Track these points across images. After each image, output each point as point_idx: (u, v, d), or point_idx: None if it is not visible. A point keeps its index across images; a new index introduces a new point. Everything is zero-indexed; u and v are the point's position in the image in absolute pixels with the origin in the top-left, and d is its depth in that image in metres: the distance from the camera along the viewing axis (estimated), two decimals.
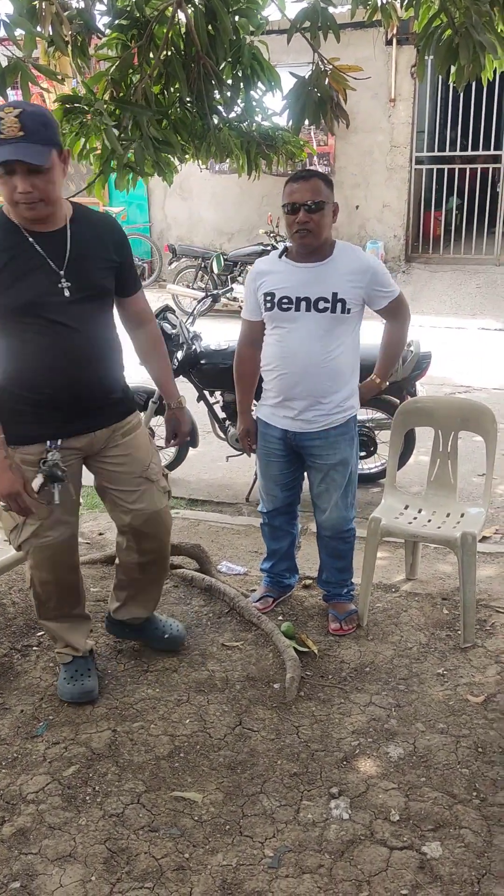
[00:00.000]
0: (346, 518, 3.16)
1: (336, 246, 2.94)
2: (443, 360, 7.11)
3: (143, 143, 3.61)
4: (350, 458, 3.08)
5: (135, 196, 10.87)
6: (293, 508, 3.32)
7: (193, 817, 2.27)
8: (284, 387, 2.96)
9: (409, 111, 9.61)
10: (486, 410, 3.37)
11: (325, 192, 2.84)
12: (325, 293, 2.85)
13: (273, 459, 3.14)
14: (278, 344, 2.95)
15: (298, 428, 3.00)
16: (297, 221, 2.81)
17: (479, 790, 2.39)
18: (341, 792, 2.37)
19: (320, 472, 3.07)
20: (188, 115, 4.08)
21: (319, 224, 2.82)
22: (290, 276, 2.90)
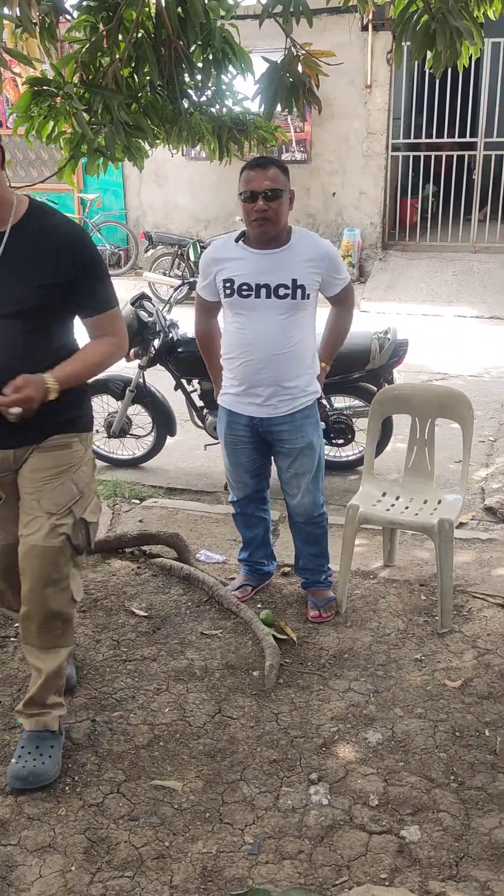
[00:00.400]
0: (316, 502, 3.18)
1: (293, 232, 2.95)
2: (419, 347, 7.12)
3: (114, 127, 3.57)
4: (316, 441, 3.10)
5: (110, 183, 10.76)
6: (263, 495, 3.33)
7: (173, 805, 2.27)
8: (248, 374, 2.97)
9: (385, 98, 9.58)
10: (463, 398, 3.38)
11: (283, 180, 2.84)
12: (285, 280, 2.87)
13: (240, 447, 3.14)
14: (240, 332, 2.96)
15: (265, 414, 3.01)
16: (255, 209, 2.81)
17: (456, 774, 2.42)
18: (320, 778, 2.38)
19: (288, 457, 3.08)
20: (159, 99, 4.04)
21: (277, 212, 2.82)
22: (249, 263, 2.90)
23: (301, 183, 10.13)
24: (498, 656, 2.99)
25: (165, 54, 3.81)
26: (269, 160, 2.92)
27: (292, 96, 3.82)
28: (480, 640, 3.10)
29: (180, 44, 3.78)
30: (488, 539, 3.96)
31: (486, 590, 3.47)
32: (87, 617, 3.14)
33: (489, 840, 2.17)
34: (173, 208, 10.70)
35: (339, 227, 10.10)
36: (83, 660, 2.88)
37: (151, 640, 3.00)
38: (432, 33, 3.24)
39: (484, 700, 2.75)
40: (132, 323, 4.57)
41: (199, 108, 4.30)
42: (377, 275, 9.81)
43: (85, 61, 3.74)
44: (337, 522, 3.93)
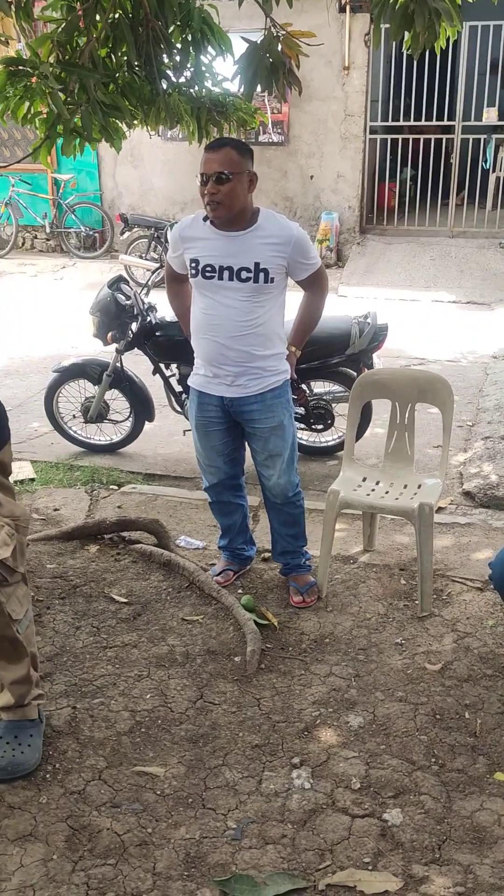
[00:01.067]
0: (292, 482, 3.18)
1: (260, 214, 2.92)
2: (397, 332, 7.09)
3: (91, 107, 3.51)
4: (286, 421, 3.09)
5: (84, 163, 10.60)
6: (238, 482, 3.31)
7: (156, 792, 2.27)
8: (214, 354, 2.97)
9: (362, 80, 9.52)
10: (444, 382, 3.39)
11: (238, 162, 2.79)
12: (248, 263, 2.85)
13: (212, 429, 3.12)
14: (204, 314, 2.96)
15: (235, 394, 3.00)
16: (207, 192, 2.79)
17: (437, 756, 2.43)
18: (303, 762, 2.39)
19: (260, 439, 3.08)
20: (136, 80, 3.98)
21: (229, 195, 2.78)
22: (213, 244, 2.89)
23: (278, 165, 10.07)
24: (477, 639, 3.02)
25: (143, 34, 3.75)
26: (225, 141, 2.89)
27: (272, 77, 3.78)
28: (460, 623, 3.12)
29: (158, 24, 3.72)
30: (467, 523, 3.99)
31: (464, 574, 3.49)
32: (66, 604, 3.12)
33: (471, 823, 2.19)
34: (149, 189, 10.59)
35: (316, 211, 10.05)
36: (63, 646, 2.86)
37: (132, 627, 2.99)
38: (410, 14, 3.21)
39: (463, 683, 2.77)
40: (109, 306, 4.52)
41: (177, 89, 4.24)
42: (355, 259, 9.79)
43: (61, 41, 3.66)
44: (316, 508, 3.93)
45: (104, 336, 4.62)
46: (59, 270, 10.34)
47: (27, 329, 7.82)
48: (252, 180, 2.87)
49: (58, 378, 4.88)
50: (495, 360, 6.68)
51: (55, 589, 3.20)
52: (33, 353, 6.98)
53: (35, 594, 3.15)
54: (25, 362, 6.81)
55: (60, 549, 3.53)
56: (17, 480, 4.55)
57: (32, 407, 5.70)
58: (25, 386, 6.23)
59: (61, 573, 3.32)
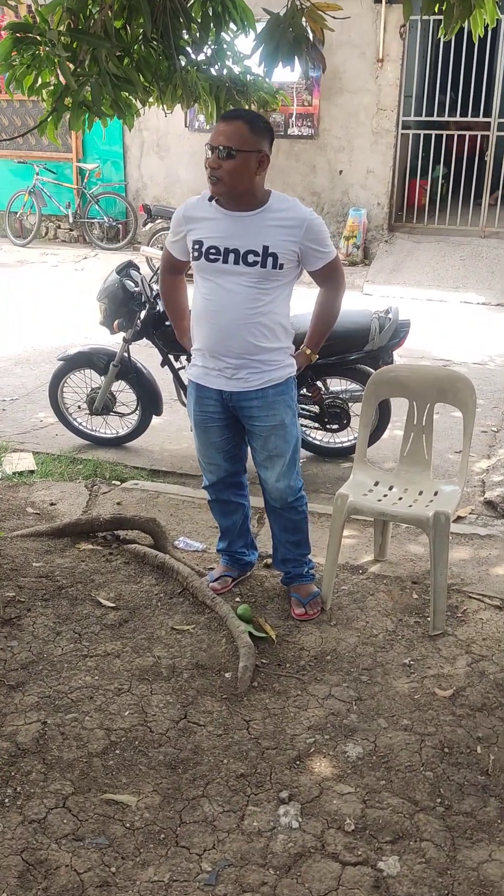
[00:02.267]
0: (294, 487, 2.95)
1: (272, 195, 2.68)
2: (423, 332, 6.86)
3: (101, 79, 3.30)
4: (289, 421, 2.86)
5: (110, 153, 10.42)
6: (238, 479, 3.09)
7: (125, 824, 2.03)
8: (215, 343, 2.74)
9: (396, 73, 9.23)
10: (465, 381, 3.12)
11: (247, 139, 2.53)
12: (255, 246, 2.62)
13: (211, 424, 2.91)
14: (205, 299, 2.73)
15: (235, 387, 2.78)
16: (208, 164, 2.57)
17: (443, 796, 2.18)
18: (292, 797, 2.15)
19: (260, 437, 2.86)
20: (153, 54, 3.76)
21: (231, 173, 2.54)
22: (219, 225, 2.65)
23: (307, 159, 9.81)
24: (493, 663, 2.75)
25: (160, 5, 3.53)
26: (239, 113, 2.65)
27: (294, 52, 3.55)
28: (475, 644, 2.86)
29: None
30: (487, 535, 3.72)
31: (482, 590, 3.23)
32: (49, 606, 2.90)
33: (477, 876, 1.93)
34: (175, 181, 10.38)
35: (344, 207, 9.78)
36: (40, 653, 2.64)
37: (117, 634, 2.76)
38: None
39: (476, 712, 2.51)
40: (117, 292, 4.31)
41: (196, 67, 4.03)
42: (382, 257, 9.50)
43: (72, 8, 3.46)
44: (326, 512, 3.69)
45: (111, 324, 4.41)
46: (80, 261, 10.17)
47: (43, 318, 7.65)
48: (262, 162, 2.60)
49: (63, 367, 4.68)
50: None
51: (39, 589, 2.98)
52: (46, 343, 6.80)
53: (17, 594, 2.93)
54: (38, 351, 6.63)
55: (49, 547, 3.31)
56: (17, 472, 4.36)
57: (39, 397, 5.51)
58: (35, 375, 6.04)
59: (47, 572, 3.10)
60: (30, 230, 10.59)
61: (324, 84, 9.42)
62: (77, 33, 3.34)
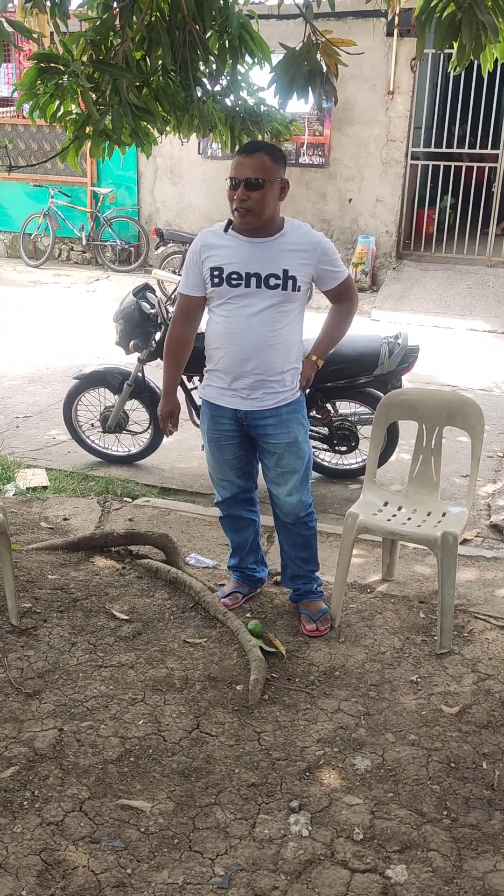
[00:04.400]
0: (305, 502, 3.02)
1: (286, 222, 2.81)
2: (430, 359, 6.94)
3: (122, 109, 3.42)
4: (301, 438, 2.95)
5: (124, 178, 10.62)
6: (250, 496, 3.16)
7: (139, 828, 2.09)
8: (233, 364, 2.83)
9: (407, 105, 9.42)
10: (474, 405, 3.20)
11: (270, 169, 2.68)
12: (276, 270, 2.73)
13: (225, 442, 2.99)
14: (226, 321, 2.81)
15: (250, 407, 2.87)
16: (236, 198, 2.67)
17: (449, 809, 2.23)
18: (302, 806, 2.20)
19: (273, 455, 2.94)
20: (171, 85, 3.90)
21: (259, 202, 2.66)
22: (238, 251, 2.75)
23: (317, 187, 9.98)
24: (499, 682, 2.80)
25: (179, 38, 3.66)
26: (259, 145, 2.77)
27: (309, 85, 3.67)
28: (481, 664, 2.91)
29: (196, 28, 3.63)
30: (493, 557, 3.78)
31: (488, 610, 3.29)
32: (64, 617, 2.96)
33: (482, 885, 1.98)
34: (186, 206, 10.56)
35: (353, 234, 9.93)
36: (56, 663, 2.70)
37: (130, 646, 2.82)
38: (458, 24, 3.08)
39: (482, 729, 2.56)
40: (133, 314, 4.41)
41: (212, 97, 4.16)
42: (390, 284, 9.63)
43: (95, 40, 3.59)
44: (335, 532, 3.75)
45: (126, 345, 4.51)
46: (92, 283, 10.32)
47: (55, 338, 7.76)
48: (284, 188, 2.76)
49: (78, 385, 4.78)
50: None
51: (54, 601, 3.05)
52: (59, 362, 6.91)
53: (33, 605, 3.00)
54: (50, 370, 6.74)
55: (64, 560, 3.38)
56: (30, 487, 4.44)
57: (52, 414, 5.60)
58: (48, 393, 6.14)
59: (62, 585, 3.17)
60: (43, 252, 10.75)
61: (335, 115, 9.60)
62: (100, 64, 3.46)
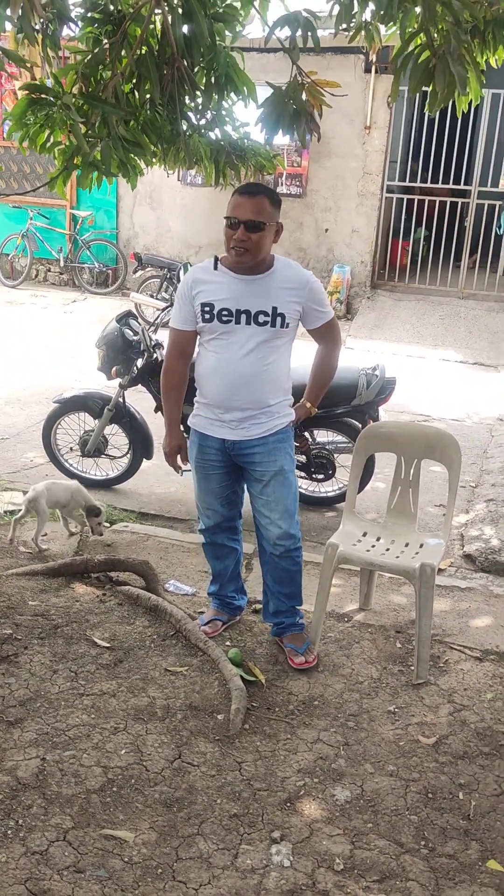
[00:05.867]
0: (295, 535, 3.04)
1: (276, 260, 2.90)
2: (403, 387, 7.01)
3: (112, 142, 3.48)
4: (288, 467, 3.00)
5: (103, 202, 10.69)
6: (234, 524, 3.20)
7: (123, 858, 2.10)
8: (223, 398, 2.89)
9: (383, 140, 9.64)
10: (452, 440, 3.29)
11: (269, 212, 2.77)
12: (265, 307, 2.81)
13: (212, 471, 3.03)
14: (215, 356, 2.88)
15: (238, 437, 2.93)
16: (235, 238, 2.74)
17: (427, 839, 2.27)
18: (283, 836, 2.22)
19: (260, 483, 2.98)
20: (158, 118, 3.97)
21: (257, 244, 2.75)
22: (229, 288, 2.82)
23: (295, 217, 10.13)
24: (474, 713, 2.86)
25: (168, 73, 3.74)
26: (260, 188, 2.84)
27: (294, 123, 3.77)
28: (457, 694, 2.97)
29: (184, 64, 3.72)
30: (467, 588, 3.85)
31: (463, 641, 3.35)
32: (45, 644, 2.96)
33: None
34: (165, 231, 10.65)
35: (329, 263, 10.09)
36: (37, 691, 2.70)
37: (112, 674, 2.83)
38: (431, 70, 3.19)
39: (458, 760, 2.61)
40: (116, 340, 4.45)
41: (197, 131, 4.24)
42: (364, 313, 9.79)
43: (85, 73, 3.66)
44: (312, 560, 3.79)
45: (108, 370, 4.55)
46: (69, 304, 10.34)
47: (32, 360, 7.76)
48: (278, 231, 2.85)
49: (58, 409, 4.79)
50: (501, 422, 6.60)
51: (35, 628, 3.05)
52: (36, 384, 6.91)
53: (13, 632, 3.00)
54: (28, 392, 6.73)
55: (45, 586, 3.38)
56: (7, 511, 4.42)
57: (30, 437, 5.59)
58: (25, 415, 6.13)
59: (43, 611, 3.17)
60: (21, 272, 10.76)
61: (313, 147, 9.78)
62: (91, 99, 3.53)
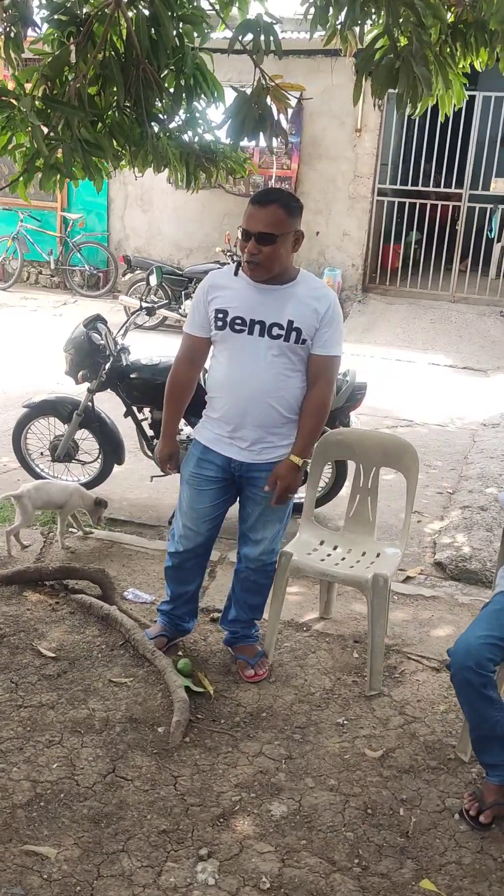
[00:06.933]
0: (273, 550, 2.97)
1: (300, 273, 2.74)
2: (390, 392, 7.02)
3: (73, 144, 3.45)
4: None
5: (94, 204, 10.68)
6: (208, 549, 3.03)
7: (42, 875, 2.05)
8: (233, 416, 2.75)
9: (374, 142, 9.60)
10: (409, 448, 3.24)
11: (284, 222, 2.59)
12: (281, 319, 2.65)
13: (206, 487, 2.86)
14: (227, 368, 2.74)
15: (248, 458, 2.78)
16: (247, 251, 2.61)
17: (361, 857, 2.22)
18: (211, 853, 2.18)
19: (259, 506, 2.86)
20: (125, 121, 3.93)
21: (270, 257, 2.59)
22: (245, 295, 2.68)
23: None
24: (425, 725, 2.81)
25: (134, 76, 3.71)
26: (273, 196, 2.64)
27: (259, 127, 3.73)
28: (409, 706, 2.92)
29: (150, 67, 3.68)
30: (432, 596, 3.79)
31: (422, 651, 3.30)
32: None
33: None
34: (156, 234, 10.63)
35: (320, 267, 10.05)
36: None
37: (53, 685, 2.79)
38: (396, 72, 3.15)
39: (403, 774, 2.56)
40: (82, 344, 4.41)
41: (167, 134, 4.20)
42: (355, 316, 9.74)
43: (48, 75, 3.63)
44: None
45: (76, 374, 4.50)
46: (59, 307, 10.33)
47: (16, 363, 7.74)
48: (298, 239, 2.67)
49: (27, 414, 4.75)
50: (484, 427, 6.54)
51: None
52: (16, 388, 6.88)
53: None
54: (7, 396, 6.70)
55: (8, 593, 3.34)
56: None
57: (4, 441, 5.55)
58: (2, 420, 6.10)
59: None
60: (11, 274, 10.75)
61: (303, 150, 9.76)
62: (51, 101, 3.49)
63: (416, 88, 3.16)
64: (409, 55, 3.07)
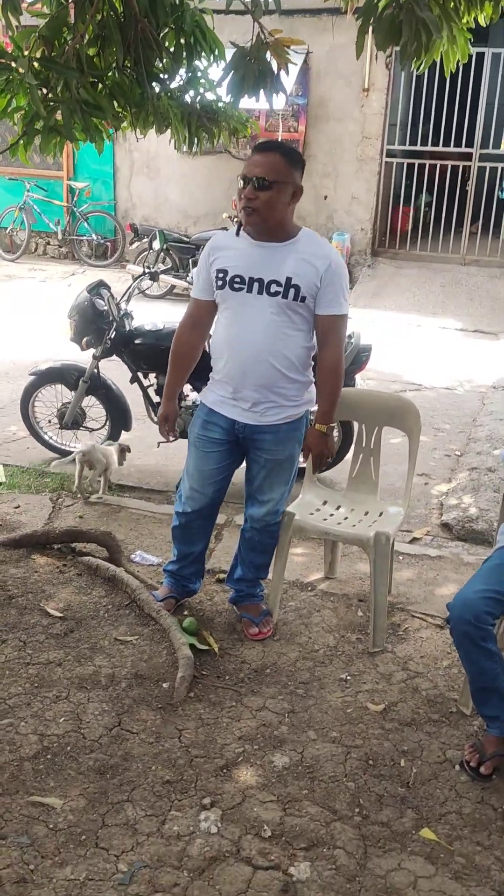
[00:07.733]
0: (278, 511, 2.99)
1: (301, 231, 2.72)
2: (398, 356, 6.98)
3: (72, 105, 3.42)
4: (296, 453, 2.90)
5: (100, 173, 10.59)
6: (215, 511, 3.05)
7: (48, 825, 2.10)
8: (234, 375, 2.75)
9: (382, 102, 9.43)
10: (412, 407, 3.23)
11: (283, 171, 2.59)
12: (279, 276, 2.64)
13: (212, 450, 2.88)
14: (227, 329, 2.75)
15: (251, 420, 2.79)
16: (244, 196, 2.60)
17: (362, 806, 2.26)
18: (214, 803, 2.22)
19: (264, 468, 2.87)
20: (125, 81, 3.88)
21: (267, 203, 2.58)
22: (245, 254, 2.68)
23: None
24: (428, 680, 2.84)
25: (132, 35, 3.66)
26: (275, 145, 2.64)
27: (259, 84, 3.68)
28: (412, 661, 2.95)
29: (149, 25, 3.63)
30: (437, 556, 3.81)
31: (426, 609, 3.32)
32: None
33: (384, 883, 2.01)
34: (163, 202, 10.54)
35: (329, 231, 9.94)
36: None
37: (61, 644, 2.83)
38: (399, 24, 3.09)
39: (405, 727, 2.59)
40: (86, 310, 4.42)
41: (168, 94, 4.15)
42: (365, 281, 9.65)
43: (46, 36, 3.58)
44: None
45: (80, 341, 4.51)
46: (67, 277, 10.30)
47: (26, 333, 7.75)
48: (296, 193, 2.66)
49: (34, 381, 4.77)
50: (494, 389, 6.50)
51: None
52: (27, 357, 6.89)
53: None
54: (17, 365, 6.72)
55: (4, 557, 3.38)
56: None
57: (14, 410, 5.56)
58: (11, 389, 6.12)
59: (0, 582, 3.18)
60: (19, 245, 10.72)
61: (310, 111, 9.61)
62: (48, 62, 3.45)
63: (419, 37, 3.10)
64: (412, 2, 3.00)
